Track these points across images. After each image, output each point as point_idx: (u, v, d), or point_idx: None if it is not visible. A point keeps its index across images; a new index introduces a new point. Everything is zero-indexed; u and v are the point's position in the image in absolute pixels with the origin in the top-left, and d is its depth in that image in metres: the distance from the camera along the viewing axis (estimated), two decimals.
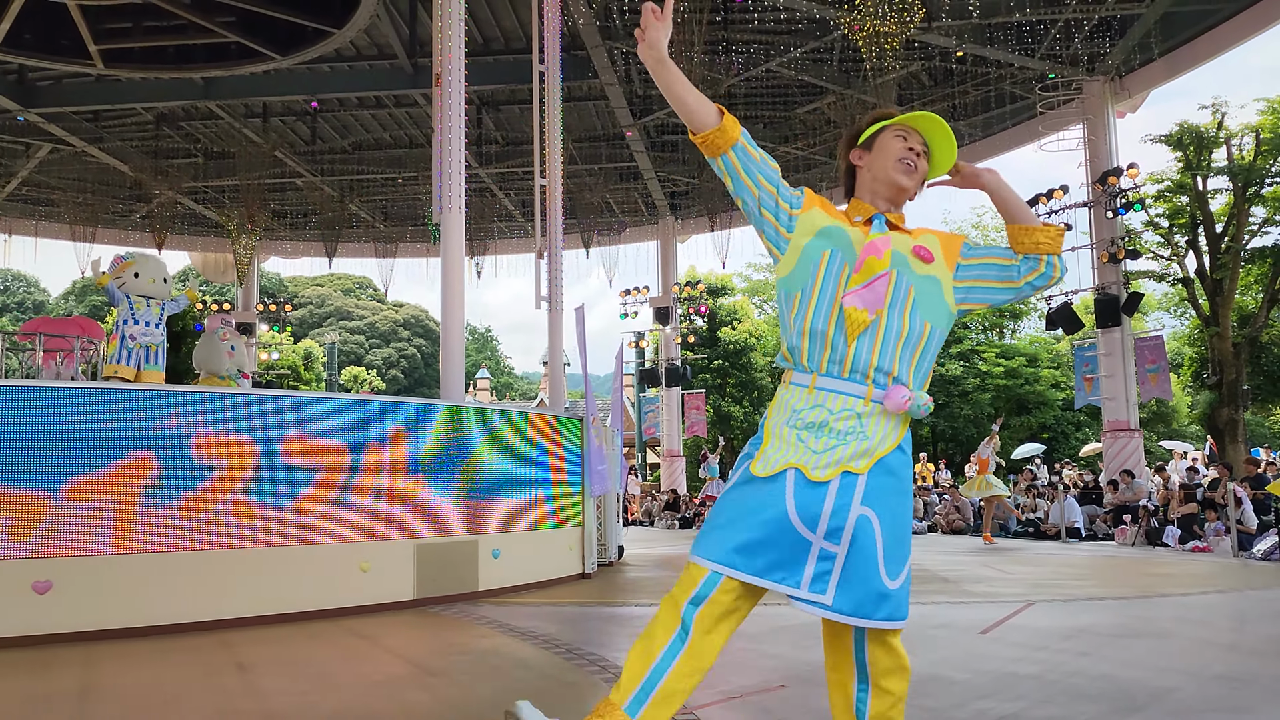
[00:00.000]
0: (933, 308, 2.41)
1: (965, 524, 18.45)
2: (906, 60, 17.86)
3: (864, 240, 2.43)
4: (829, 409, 2.36)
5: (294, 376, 34.92)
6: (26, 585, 6.04)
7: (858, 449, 2.31)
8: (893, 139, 2.56)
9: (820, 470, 2.29)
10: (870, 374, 2.35)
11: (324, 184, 23.90)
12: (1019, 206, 2.47)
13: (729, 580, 2.27)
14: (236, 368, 11.50)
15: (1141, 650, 5.59)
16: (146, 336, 9.17)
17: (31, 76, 18.99)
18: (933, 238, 2.50)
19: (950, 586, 8.98)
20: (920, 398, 2.36)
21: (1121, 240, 17.96)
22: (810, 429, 2.35)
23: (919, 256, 2.42)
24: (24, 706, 4.45)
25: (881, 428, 2.34)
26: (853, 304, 2.34)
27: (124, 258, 9.62)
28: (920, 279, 2.40)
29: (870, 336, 2.34)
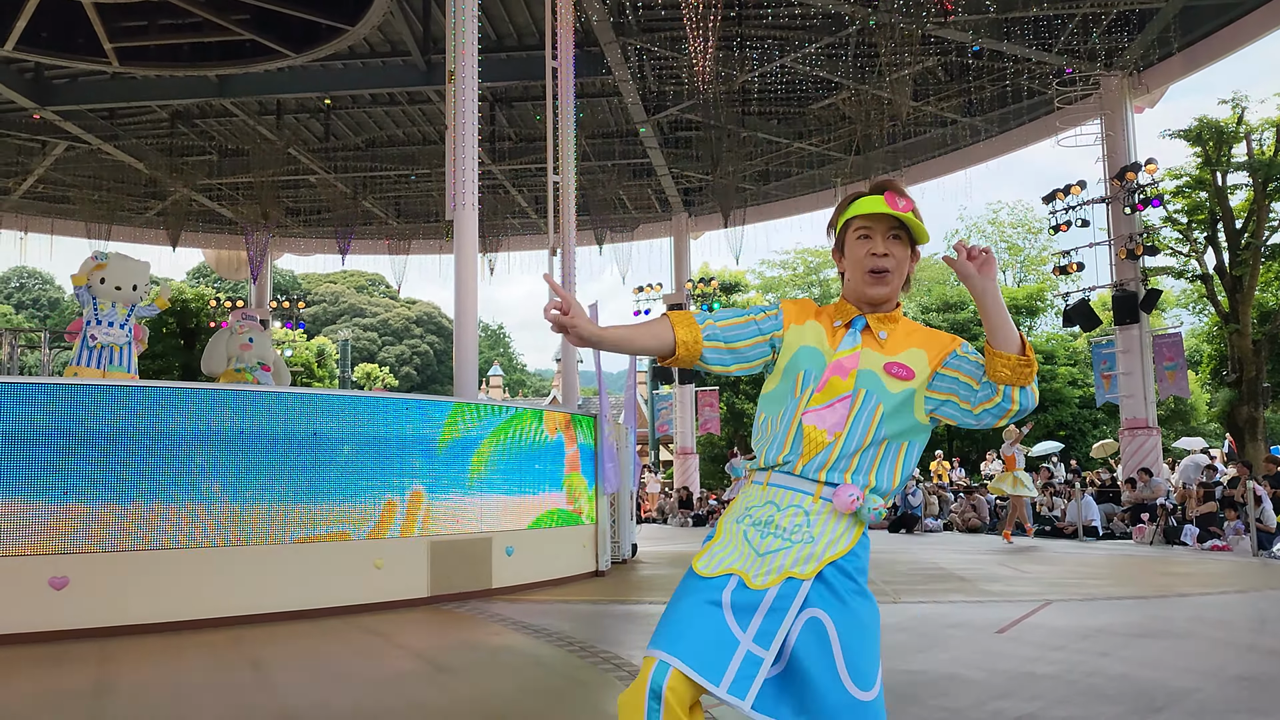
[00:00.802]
0: (900, 424, 2.28)
1: (981, 522, 18.35)
2: (922, 55, 17.74)
3: (832, 358, 2.31)
4: (777, 505, 2.27)
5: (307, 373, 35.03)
6: (43, 581, 6.06)
7: (801, 554, 2.18)
8: (856, 241, 2.36)
9: (761, 578, 2.17)
10: (821, 477, 2.25)
11: (337, 181, 23.92)
12: (996, 320, 2.20)
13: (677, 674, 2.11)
14: (256, 360, 11.34)
15: (1160, 650, 5.53)
16: (109, 336, 9.06)
17: (47, 75, 19.06)
18: (919, 353, 2.32)
19: (966, 585, 8.92)
20: (872, 502, 2.22)
21: (1140, 236, 17.79)
22: (757, 526, 2.26)
23: (892, 374, 2.28)
24: (41, 702, 4.46)
25: (831, 529, 2.22)
26: (812, 423, 2.26)
27: (99, 258, 9.50)
28: (891, 397, 2.26)
29: (825, 454, 2.24)
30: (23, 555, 6.03)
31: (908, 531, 18.22)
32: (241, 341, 11.21)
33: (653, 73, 19.34)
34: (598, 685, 4.72)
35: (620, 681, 4.70)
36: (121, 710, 4.30)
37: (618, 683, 4.68)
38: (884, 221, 2.34)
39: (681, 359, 2.35)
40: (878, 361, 2.30)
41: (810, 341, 2.37)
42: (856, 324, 2.36)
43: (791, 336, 2.41)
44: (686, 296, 26.15)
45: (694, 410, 26.77)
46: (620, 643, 5.93)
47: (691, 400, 26.64)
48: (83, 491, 6.22)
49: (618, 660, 5.22)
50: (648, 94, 19.86)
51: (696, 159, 22.90)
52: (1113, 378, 18.34)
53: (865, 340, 2.35)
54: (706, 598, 2.20)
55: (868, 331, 2.36)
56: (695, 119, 20.21)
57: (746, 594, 2.16)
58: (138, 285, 9.34)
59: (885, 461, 2.28)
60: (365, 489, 7.38)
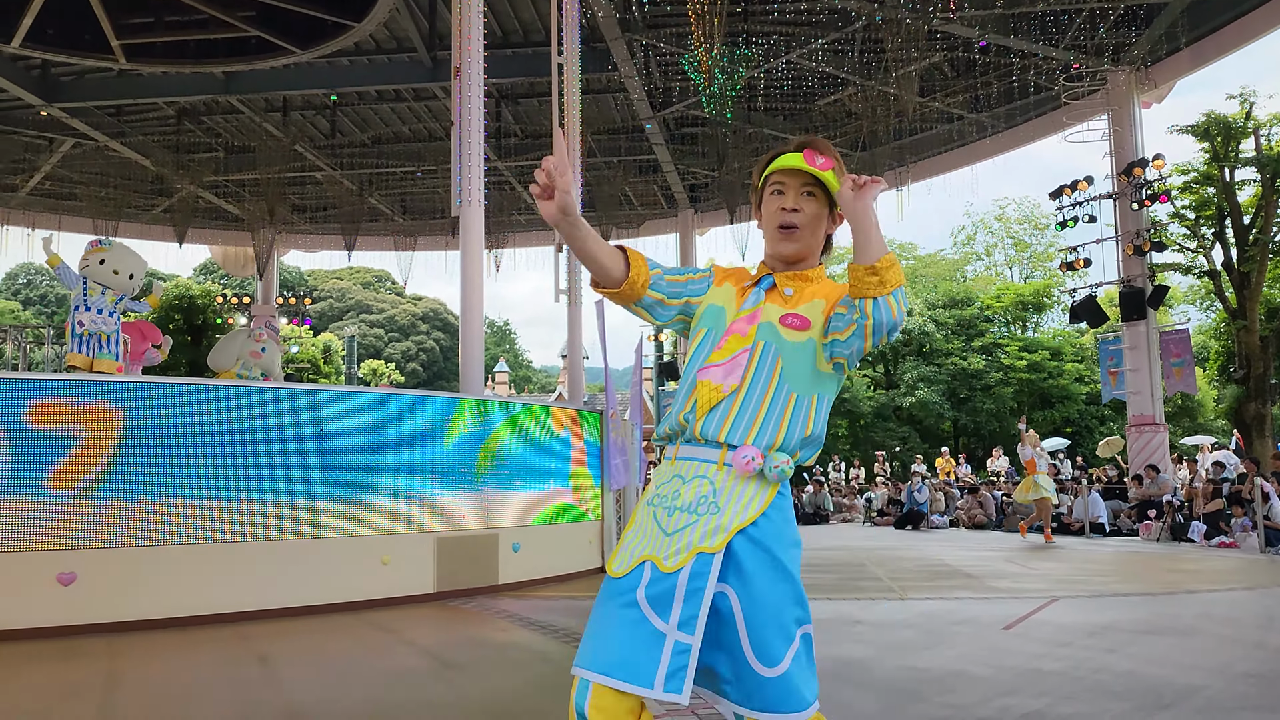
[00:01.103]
0: (804, 375, 2.20)
1: (987, 519, 18.33)
2: (929, 51, 17.70)
3: (734, 317, 2.27)
4: (683, 478, 2.18)
5: (313, 370, 35.10)
6: (51, 577, 6.08)
7: (709, 526, 2.07)
8: (770, 198, 2.31)
9: (672, 559, 2.05)
10: (722, 437, 2.15)
11: (343, 178, 23.95)
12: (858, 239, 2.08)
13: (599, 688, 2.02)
14: (261, 370, 11.26)
15: (1167, 647, 5.52)
16: (96, 324, 8.90)
17: (54, 72, 19.09)
18: (818, 303, 2.24)
19: (973, 582, 8.91)
20: (775, 459, 2.11)
21: (1147, 233, 17.75)
22: (664, 503, 2.17)
23: (787, 325, 2.21)
24: (52, 695, 4.48)
25: (737, 497, 2.11)
26: (707, 377, 2.19)
27: (101, 243, 9.34)
28: (790, 347, 2.20)
29: (724, 409, 2.15)
30: (30, 551, 6.05)
31: (914, 528, 18.20)
32: (253, 349, 11.12)
33: (659, 69, 19.32)
34: None
35: None
36: (131, 704, 4.32)
37: None
38: (798, 177, 2.28)
39: (623, 294, 2.31)
40: (776, 314, 2.25)
41: (718, 301, 2.34)
42: (763, 283, 2.32)
43: (709, 297, 2.38)
44: None
45: None
46: None
47: None
48: (90, 488, 6.24)
49: None
50: (653, 90, 19.85)
51: (702, 155, 22.88)
52: (1119, 374, 18.30)
53: (769, 298, 2.30)
54: (622, 600, 2.08)
55: (774, 290, 2.31)
56: (701, 115, 20.19)
57: (661, 582, 2.05)
58: (134, 275, 9.20)
59: (795, 417, 2.18)
60: (372, 485, 7.39)
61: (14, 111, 20.61)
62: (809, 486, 22.41)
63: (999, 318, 40.05)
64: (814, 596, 7.72)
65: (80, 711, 4.17)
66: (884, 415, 37.06)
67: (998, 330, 39.20)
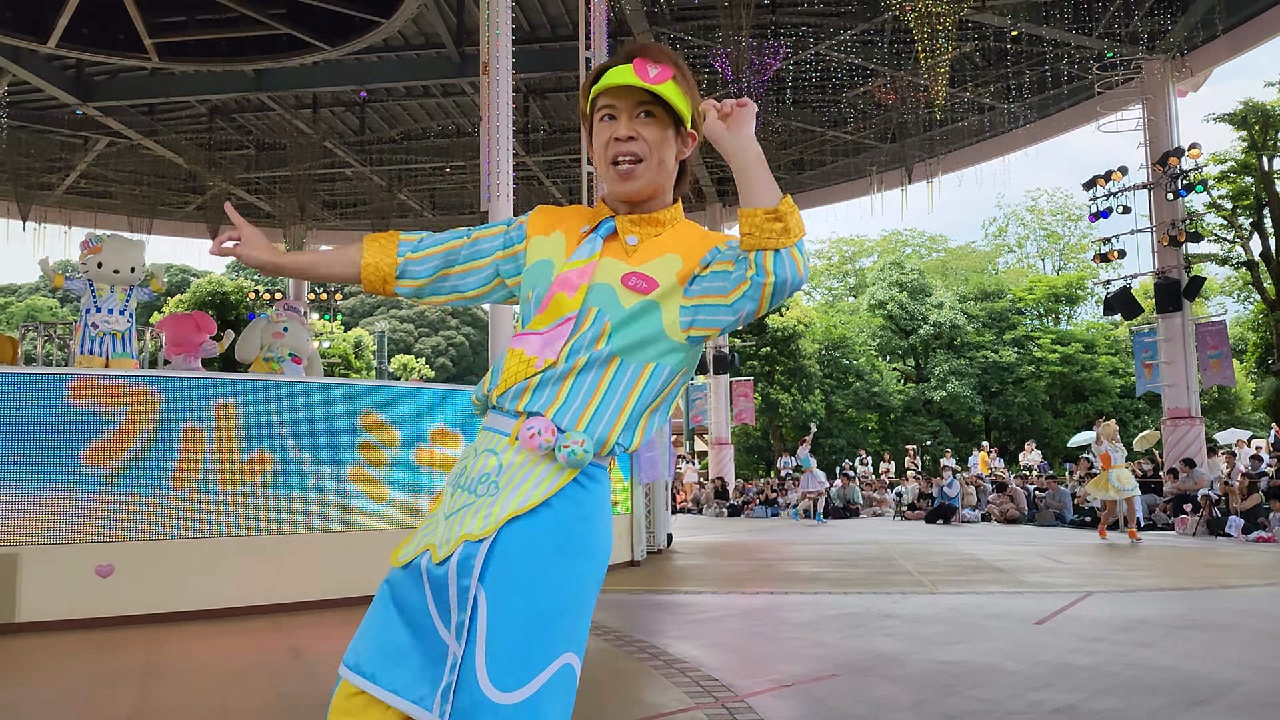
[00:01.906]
0: (636, 336, 1.77)
1: (1020, 513, 18.17)
2: (959, 41, 17.53)
3: (560, 271, 1.84)
4: (476, 450, 1.81)
5: (344, 365, 35.39)
6: (90, 569, 6.18)
7: (483, 510, 1.69)
8: (600, 125, 1.86)
9: (444, 547, 1.69)
10: (520, 407, 1.77)
11: (373, 174, 24.11)
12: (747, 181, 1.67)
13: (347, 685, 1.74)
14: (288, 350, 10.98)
15: (1204, 642, 5.45)
16: (109, 324, 8.78)
17: (89, 71, 19.36)
18: (670, 259, 1.81)
19: (1004, 576, 8.84)
20: (570, 439, 1.69)
21: (1183, 223, 17.49)
22: (455, 481, 1.81)
23: (629, 288, 1.78)
24: (91, 686, 4.56)
25: (520, 479, 1.71)
26: (520, 348, 1.79)
27: (93, 241, 9.20)
28: (627, 315, 1.77)
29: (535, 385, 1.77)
30: (69, 544, 6.15)
31: (945, 522, 18.08)
32: (275, 330, 10.87)
33: (686, 61, 19.26)
34: (635, 674, 4.73)
35: (656, 670, 4.71)
36: (168, 694, 4.38)
37: (654, 671, 4.69)
38: (631, 96, 1.81)
39: (372, 284, 1.98)
40: (616, 273, 1.81)
41: (545, 254, 1.91)
42: (602, 228, 1.87)
43: (533, 251, 1.94)
44: None
45: (729, 401, 26.73)
46: (657, 632, 5.95)
47: (726, 391, 26.60)
48: (126, 481, 6.33)
49: (654, 649, 5.24)
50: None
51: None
52: (1154, 367, 18.06)
53: (608, 248, 1.85)
54: (394, 594, 1.76)
55: (614, 239, 1.86)
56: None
57: (435, 575, 1.69)
58: (135, 267, 9.06)
59: (613, 390, 1.77)
60: (405, 478, 7.44)
61: (50, 111, 20.92)
62: (838, 480, 22.33)
63: (1031, 310, 39.67)
64: (844, 590, 7.72)
65: (119, 700, 4.24)
66: (914, 409, 36.84)
67: (1030, 323, 38.84)
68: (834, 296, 46.73)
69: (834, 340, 37.63)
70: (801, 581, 8.59)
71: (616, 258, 1.83)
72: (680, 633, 5.99)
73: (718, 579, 9.02)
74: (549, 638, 1.66)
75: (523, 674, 1.61)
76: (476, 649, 1.62)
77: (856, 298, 43.77)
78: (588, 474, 1.76)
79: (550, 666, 1.65)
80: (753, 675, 4.65)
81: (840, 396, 36.49)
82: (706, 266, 1.78)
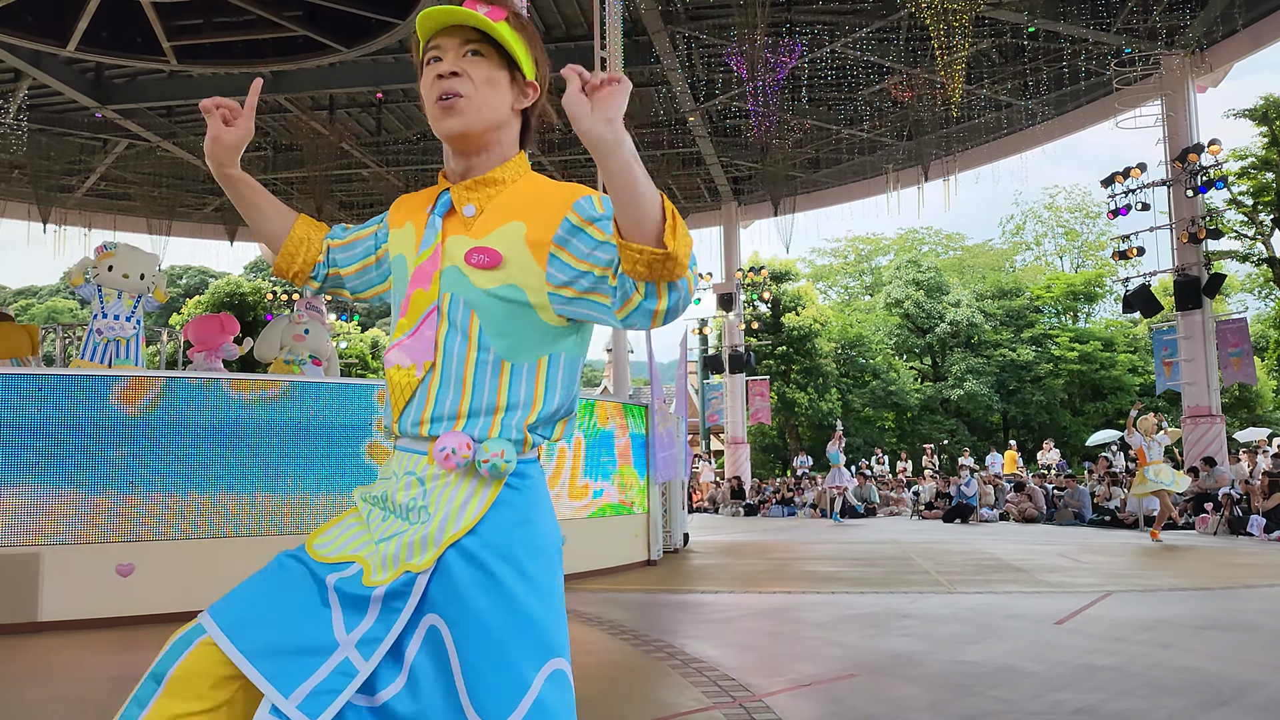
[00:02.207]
0: (511, 336, 1.61)
1: (1038, 512, 18.07)
2: (976, 38, 17.45)
3: (414, 265, 1.68)
4: (396, 473, 1.66)
5: (361, 365, 35.53)
6: (110, 568, 6.23)
7: (416, 537, 1.57)
8: (427, 70, 1.72)
9: (380, 572, 1.56)
10: (424, 432, 1.62)
11: (389, 175, 24.21)
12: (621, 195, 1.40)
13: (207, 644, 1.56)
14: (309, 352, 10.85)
15: (1226, 643, 5.40)
16: (114, 330, 8.66)
17: (108, 74, 19.54)
18: (514, 226, 1.62)
19: (1023, 576, 8.79)
20: (488, 451, 1.57)
21: (1202, 220, 17.36)
22: (378, 503, 1.67)
23: (473, 264, 1.61)
24: (112, 685, 4.59)
25: (448, 500, 1.59)
26: (395, 362, 1.65)
27: (107, 247, 9.14)
28: (483, 296, 1.60)
29: (420, 398, 1.62)
30: (90, 543, 6.19)
31: (962, 521, 18.00)
32: (296, 332, 10.80)
33: (701, 61, 19.26)
34: (652, 673, 4.73)
35: (674, 670, 4.70)
36: None
37: (671, 671, 4.69)
38: (459, 34, 1.69)
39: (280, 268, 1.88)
40: (460, 250, 1.64)
41: (399, 249, 1.75)
42: (439, 205, 1.70)
43: (391, 249, 1.79)
44: (736, 285, 26.07)
45: (745, 400, 26.70)
46: (674, 631, 5.94)
47: (742, 390, 26.57)
48: (147, 481, 6.38)
49: (671, 649, 5.23)
50: (696, 83, 19.79)
51: (745, 147, 22.77)
52: (1174, 365, 17.92)
53: (449, 225, 1.68)
54: (309, 573, 1.60)
55: (452, 213, 1.69)
56: (744, 106, 20.09)
57: (353, 592, 1.56)
58: (145, 275, 9.02)
59: (514, 387, 1.62)
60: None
61: (69, 114, 21.11)
62: (854, 479, 22.26)
63: (1049, 308, 39.44)
64: (861, 590, 7.70)
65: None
66: (931, 408, 36.69)
67: (1048, 321, 38.61)
68: (850, 295, 46.58)
69: (850, 339, 37.52)
70: (818, 581, 8.56)
71: (458, 233, 1.65)
72: (697, 632, 5.99)
73: (734, 578, 9.01)
74: (526, 652, 1.51)
75: (509, 699, 1.47)
76: (455, 681, 1.49)
77: (873, 296, 43.62)
78: (516, 474, 1.63)
79: (536, 681, 1.50)
80: (770, 675, 4.64)
81: (856, 395, 36.38)
82: (564, 246, 1.57)
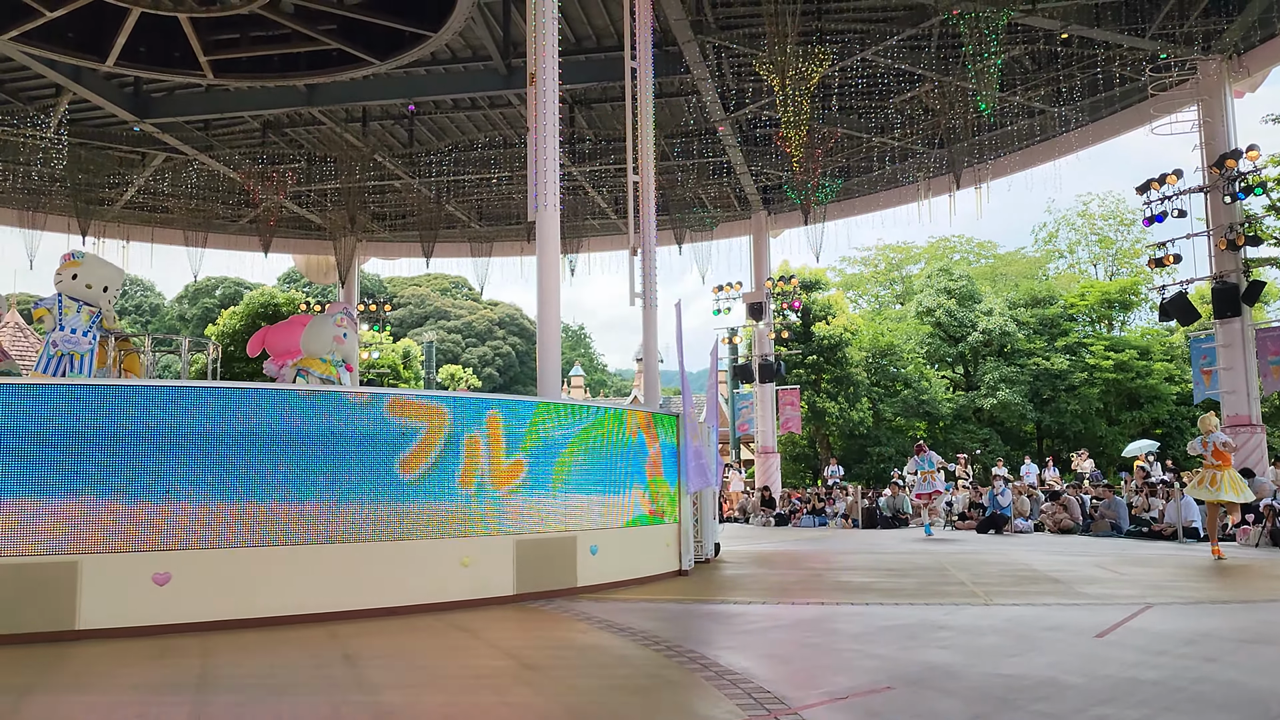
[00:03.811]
0: None
1: (1074, 523, 17.82)
2: (1008, 44, 17.31)
3: None
4: None
5: (393, 375, 35.76)
6: (147, 577, 6.29)
7: None
8: None
9: None
10: None
11: (421, 186, 24.40)
12: None
13: None
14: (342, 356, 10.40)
15: (1272, 657, 5.29)
16: (69, 344, 8.24)
17: (146, 88, 19.85)
18: None
19: (1060, 587, 8.67)
20: None
21: (1241, 226, 17.09)
22: None
23: None
24: (148, 693, 4.63)
25: None
26: None
27: (74, 255, 8.77)
28: None
29: None
30: (127, 552, 6.26)
31: (996, 532, 17.79)
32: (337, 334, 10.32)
33: (731, 70, 19.25)
34: (686, 684, 4.70)
35: (708, 681, 4.67)
36: (225, 702, 4.43)
37: (705, 683, 4.66)
38: None
39: None
40: None
41: None
42: None
43: None
44: (766, 295, 25.98)
45: (775, 409, 26.58)
46: (707, 642, 5.91)
47: (772, 399, 26.45)
48: (183, 491, 6.44)
49: (705, 660, 5.20)
50: (726, 92, 19.78)
51: (775, 156, 22.72)
52: (1213, 374, 17.64)
53: None
54: None
55: None
56: (774, 115, 20.04)
57: None
58: (109, 288, 8.67)
59: None
60: (452, 489, 7.48)
61: (109, 128, 21.46)
62: (887, 490, 22.07)
63: (1083, 316, 38.97)
64: (896, 601, 7.62)
65: (175, 709, 4.29)
66: (964, 417, 36.34)
67: (1082, 329, 38.14)
68: (881, 304, 46.27)
69: (881, 348, 37.26)
70: (852, 592, 8.49)
71: None
72: (731, 643, 5.95)
73: (767, 589, 8.95)
74: None
75: None
76: None
77: (904, 305, 43.29)
78: None
79: None
80: (805, 687, 4.60)
81: (888, 405, 36.11)
82: None
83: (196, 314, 53.82)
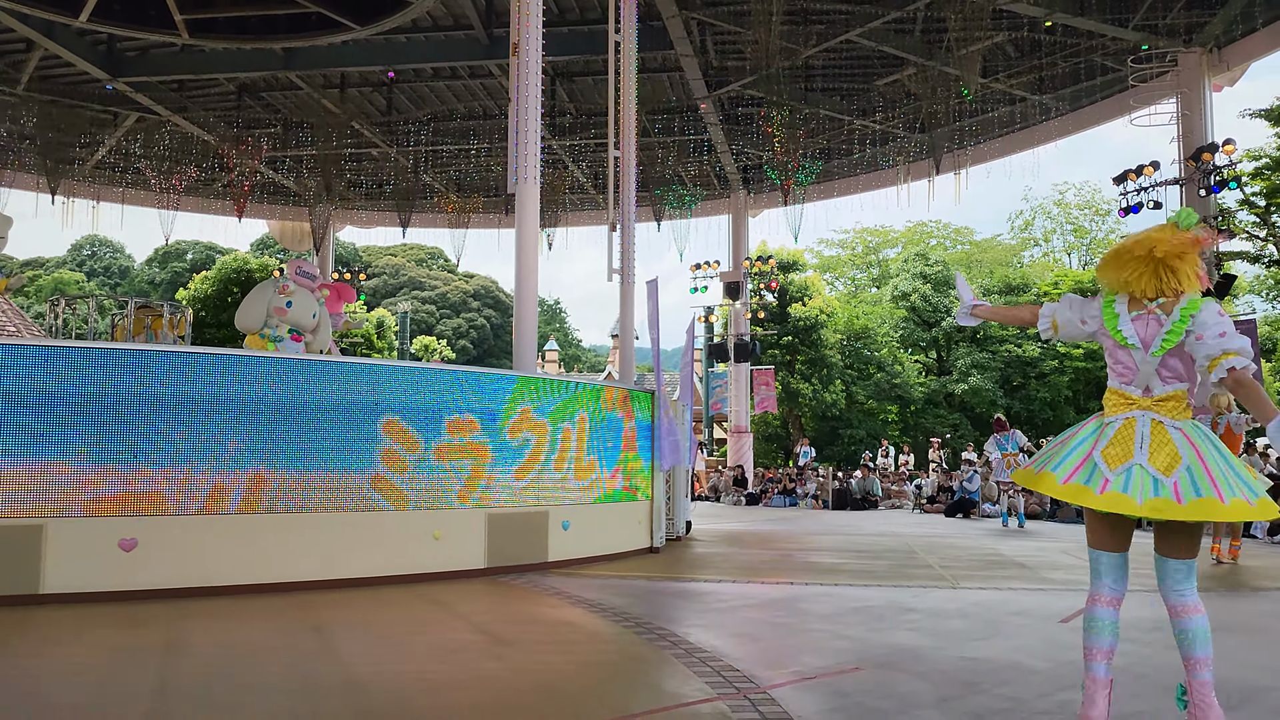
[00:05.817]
0: None
1: (1041, 509, 18.02)
2: (993, 30, 17.31)
3: None
4: None
5: (367, 345, 35.50)
6: (113, 543, 6.22)
7: None
8: None
9: None
10: None
11: (399, 154, 24.14)
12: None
13: None
14: (290, 326, 9.64)
15: (1235, 646, 5.36)
16: None
17: (120, 46, 19.46)
18: None
19: (1026, 573, 8.77)
20: None
21: (1214, 219, 17.25)
22: None
23: None
24: (113, 658, 4.58)
25: None
26: None
27: None
28: None
29: None
30: (93, 517, 6.18)
31: (964, 516, 17.97)
32: (278, 304, 9.55)
33: (715, 47, 19.14)
34: (656, 662, 4.71)
35: (677, 659, 4.68)
36: (191, 669, 4.40)
37: (675, 660, 4.67)
38: None
39: None
40: None
41: None
42: None
43: None
44: (744, 274, 25.97)
45: (749, 389, 26.64)
46: (677, 620, 5.93)
47: (746, 379, 26.51)
48: (151, 456, 6.36)
49: (675, 638, 5.21)
50: (709, 69, 19.67)
51: (756, 136, 22.66)
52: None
53: None
54: None
55: None
56: (756, 95, 19.97)
57: None
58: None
59: None
60: (426, 460, 7.44)
61: (81, 85, 21.04)
62: (857, 472, 22.23)
63: None
64: (865, 583, 7.68)
65: (140, 675, 4.25)
66: (935, 401, 36.62)
67: None
68: (857, 287, 46.43)
69: (856, 331, 37.42)
70: (822, 573, 8.54)
71: None
72: (701, 622, 5.97)
73: (737, 568, 8.99)
74: None
75: None
76: None
77: (879, 288, 43.48)
78: None
79: None
80: (774, 666, 4.62)
81: (861, 387, 36.32)
82: None
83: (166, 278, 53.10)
